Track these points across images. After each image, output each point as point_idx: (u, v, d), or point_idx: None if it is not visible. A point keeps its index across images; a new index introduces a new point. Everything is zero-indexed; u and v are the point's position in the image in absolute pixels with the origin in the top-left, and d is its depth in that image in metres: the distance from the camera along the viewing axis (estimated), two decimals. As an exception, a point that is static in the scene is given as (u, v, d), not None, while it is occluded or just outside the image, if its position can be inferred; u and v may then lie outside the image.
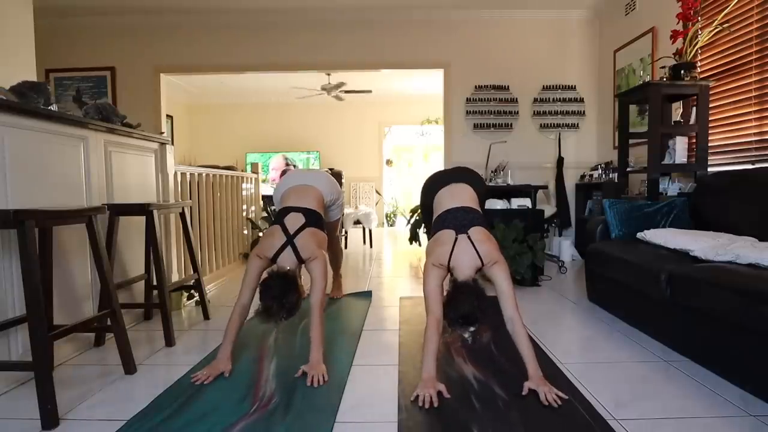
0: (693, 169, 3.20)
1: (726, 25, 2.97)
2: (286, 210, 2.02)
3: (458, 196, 1.98)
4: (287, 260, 1.89)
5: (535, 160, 5.01)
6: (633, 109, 4.06)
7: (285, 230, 1.93)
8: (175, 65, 5.18)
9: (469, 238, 1.75)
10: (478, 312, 1.61)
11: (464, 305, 1.61)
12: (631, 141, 3.63)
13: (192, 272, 2.80)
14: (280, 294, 1.73)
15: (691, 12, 3.07)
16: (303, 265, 1.95)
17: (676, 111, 3.45)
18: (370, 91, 7.39)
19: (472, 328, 1.64)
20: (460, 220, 1.82)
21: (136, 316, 2.61)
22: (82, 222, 1.82)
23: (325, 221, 2.40)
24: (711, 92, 3.16)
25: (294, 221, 1.96)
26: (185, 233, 2.70)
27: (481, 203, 2.09)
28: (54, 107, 2.03)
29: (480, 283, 1.72)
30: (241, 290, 1.87)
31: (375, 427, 1.44)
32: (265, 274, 1.85)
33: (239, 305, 1.85)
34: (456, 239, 1.76)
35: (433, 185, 2.16)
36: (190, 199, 3.29)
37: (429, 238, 2.02)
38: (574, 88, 5.02)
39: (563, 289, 3.34)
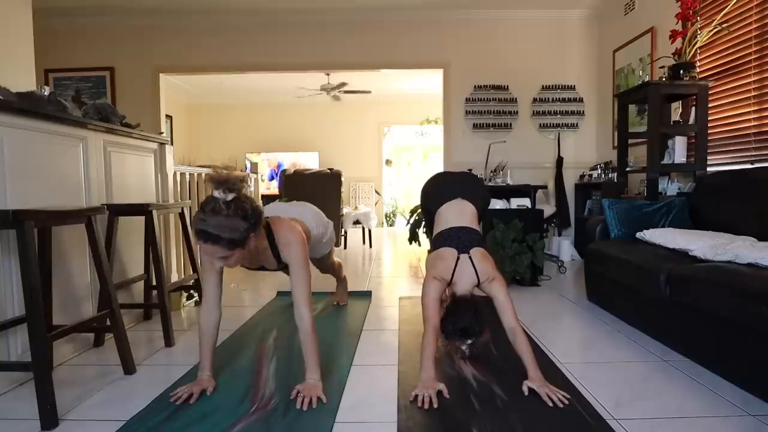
0: (692, 169, 3.20)
1: (725, 25, 2.98)
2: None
3: (462, 216, 2.02)
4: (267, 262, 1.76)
5: (535, 160, 5.01)
6: (632, 108, 4.06)
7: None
8: (175, 65, 5.18)
9: (470, 258, 1.83)
10: (477, 325, 1.72)
11: (464, 318, 1.73)
12: (630, 141, 3.64)
13: (191, 272, 2.80)
14: None
15: (690, 12, 3.07)
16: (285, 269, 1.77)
17: (676, 111, 3.45)
18: (369, 92, 7.38)
19: (469, 341, 1.75)
20: (462, 241, 1.88)
21: (136, 316, 2.60)
22: (81, 222, 1.82)
23: (317, 258, 2.36)
24: (710, 92, 3.16)
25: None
26: (184, 233, 2.70)
27: (482, 217, 2.16)
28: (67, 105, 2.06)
29: (477, 297, 1.80)
30: (204, 289, 1.69)
31: (374, 427, 1.44)
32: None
33: (206, 305, 1.68)
34: (458, 258, 1.83)
35: (437, 192, 2.18)
36: (190, 199, 3.29)
37: (430, 242, 2.05)
38: (574, 88, 5.02)
39: (563, 289, 3.34)
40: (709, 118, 3.15)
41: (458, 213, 2.04)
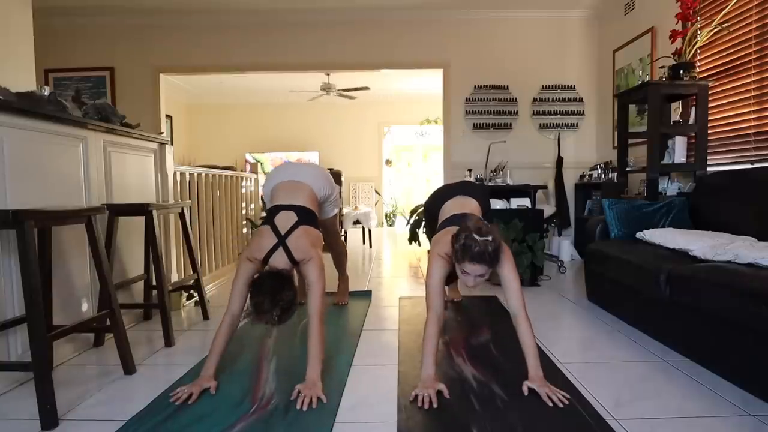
0: (692, 169, 3.20)
1: (725, 25, 2.98)
2: (277, 208, 1.90)
3: (463, 206, 2.09)
4: (279, 262, 1.76)
5: (535, 160, 5.01)
6: (632, 108, 4.06)
7: (275, 230, 1.80)
8: (175, 65, 5.18)
9: None
10: (493, 249, 1.57)
11: (471, 222, 1.64)
12: (630, 141, 3.64)
13: (191, 272, 2.80)
14: (272, 290, 1.61)
15: (690, 12, 3.07)
16: (297, 269, 1.84)
17: (676, 111, 3.45)
18: (367, 88, 7.29)
19: (488, 237, 1.55)
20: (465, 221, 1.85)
21: (136, 316, 2.60)
22: (81, 222, 1.82)
23: (320, 219, 2.33)
24: (710, 92, 3.16)
25: (285, 220, 1.83)
26: (184, 233, 2.70)
27: (484, 216, 2.17)
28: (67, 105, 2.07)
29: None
30: (231, 297, 1.73)
31: (374, 427, 1.44)
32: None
33: (229, 314, 1.72)
34: None
35: (437, 198, 2.27)
36: (190, 199, 3.29)
37: (430, 240, 2.08)
38: (574, 88, 5.02)
39: (563, 289, 3.34)
40: (709, 118, 3.15)
41: (460, 204, 2.11)
